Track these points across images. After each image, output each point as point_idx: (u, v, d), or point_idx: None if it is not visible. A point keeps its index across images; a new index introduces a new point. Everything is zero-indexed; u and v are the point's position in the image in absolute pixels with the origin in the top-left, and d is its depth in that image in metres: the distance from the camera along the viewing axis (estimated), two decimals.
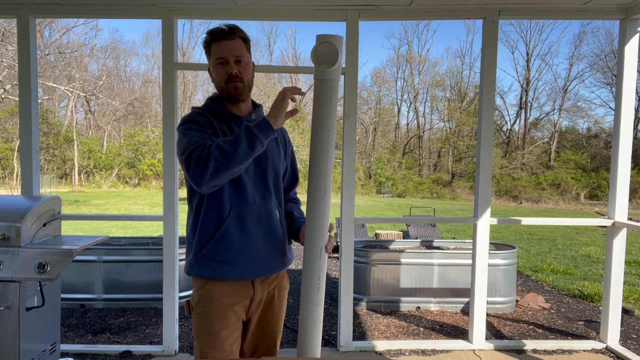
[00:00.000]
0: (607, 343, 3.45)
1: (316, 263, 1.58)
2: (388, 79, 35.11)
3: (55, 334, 2.78)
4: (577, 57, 32.00)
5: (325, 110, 1.53)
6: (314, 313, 1.60)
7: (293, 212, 1.82)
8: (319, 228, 1.57)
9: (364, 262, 4.49)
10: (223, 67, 1.62)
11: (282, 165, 1.77)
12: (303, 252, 1.62)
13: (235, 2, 3.10)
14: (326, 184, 1.55)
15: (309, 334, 1.60)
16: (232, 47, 1.61)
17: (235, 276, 1.61)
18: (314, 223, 1.57)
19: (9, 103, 23.84)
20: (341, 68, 1.57)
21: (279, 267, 1.72)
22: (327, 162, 1.54)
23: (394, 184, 28.17)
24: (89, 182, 27.81)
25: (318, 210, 1.55)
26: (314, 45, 1.51)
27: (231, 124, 1.65)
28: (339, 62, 1.51)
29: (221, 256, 1.59)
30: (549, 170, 28.81)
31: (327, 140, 1.54)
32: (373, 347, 3.43)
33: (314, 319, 1.60)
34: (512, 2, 3.15)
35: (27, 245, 2.41)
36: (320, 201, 1.55)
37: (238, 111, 1.68)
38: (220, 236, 1.59)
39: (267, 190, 1.68)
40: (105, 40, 37.51)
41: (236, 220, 1.60)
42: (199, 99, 34.44)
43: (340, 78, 1.56)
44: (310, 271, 1.58)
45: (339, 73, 1.55)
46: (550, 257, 7.94)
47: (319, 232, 1.57)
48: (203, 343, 1.62)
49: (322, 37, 1.51)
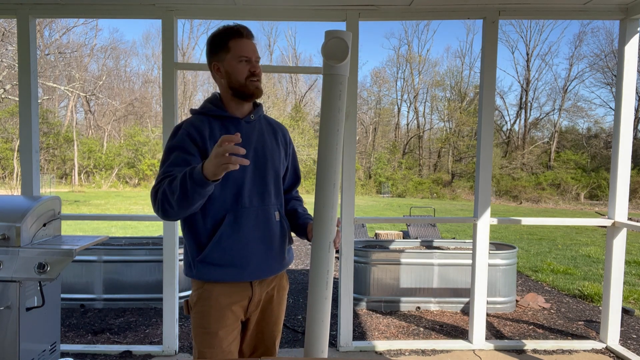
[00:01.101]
0: (607, 343, 3.45)
1: (325, 257, 1.57)
2: (388, 79, 35.16)
3: (55, 334, 2.78)
4: (577, 57, 32.02)
5: (335, 105, 1.54)
6: (322, 307, 1.59)
7: (297, 209, 1.81)
8: (327, 222, 1.56)
9: (364, 262, 4.49)
10: (246, 64, 1.61)
11: (282, 165, 1.76)
12: (311, 247, 1.61)
13: (235, 2, 3.10)
14: (335, 178, 1.55)
15: (317, 329, 1.60)
16: (254, 47, 1.63)
17: (232, 279, 1.61)
18: (322, 217, 1.56)
19: (9, 103, 23.85)
20: (349, 63, 1.57)
21: (277, 269, 1.71)
22: (336, 157, 1.55)
23: (394, 184, 28.18)
24: (89, 182, 27.82)
25: (327, 204, 1.55)
26: (324, 41, 1.52)
27: (229, 127, 1.64)
28: (348, 57, 1.52)
29: (218, 260, 1.59)
30: (549, 170, 28.81)
31: (337, 134, 1.54)
32: (373, 347, 3.43)
33: (322, 313, 1.59)
34: (512, 2, 3.15)
35: (27, 245, 2.41)
36: (330, 195, 1.55)
37: (238, 112, 1.67)
38: (216, 241, 1.58)
39: (266, 191, 1.67)
40: (105, 40, 37.54)
41: (232, 225, 1.59)
42: (199, 99, 34.47)
43: (348, 73, 1.56)
44: (319, 265, 1.57)
45: (347, 68, 1.55)
46: (550, 257, 7.94)
47: (327, 226, 1.56)
48: (201, 342, 1.62)
49: (332, 32, 1.52)
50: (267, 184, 1.67)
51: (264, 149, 1.68)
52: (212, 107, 1.66)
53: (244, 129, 1.65)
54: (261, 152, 1.68)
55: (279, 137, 1.77)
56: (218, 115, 1.64)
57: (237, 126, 1.65)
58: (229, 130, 1.63)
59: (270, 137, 1.73)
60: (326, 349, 1.62)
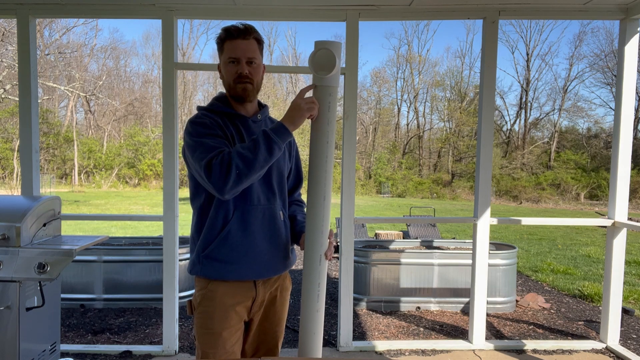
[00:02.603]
0: (607, 343, 3.45)
1: (316, 270, 1.58)
2: (388, 79, 35.14)
3: (55, 334, 2.78)
4: (577, 57, 31.96)
5: (324, 117, 1.53)
6: (314, 320, 1.60)
7: (296, 216, 1.81)
8: (318, 235, 1.56)
9: (364, 262, 4.48)
10: (234, 66, 1.60)
11: (286, 166, 1.76)
12: (303, 259, 1.62)
13: (235, 2, 3.10)
14: (325, 191, 1.55)
15: (309, 341, 1.61)
16: (245, 48, 1.59)
17: (237, 277, 1.61)
18: (313, 230, 1.56)
19: (9, 103, 23.84)
20: (340, 73, 1.54)
21: (281, 269, 1.71)
22: (326, 169, 1.54)
23: (394, 184, 28.16)
24: (89, 182, 27.81)
25: (317, 217, 1.55)
26: (312, 52, 1.50)
27: (237, 124, 1.65)
28: (337, 68, 1.50)
29: (224, 256, 1.59)
30: (549, 170, 28.80)
31: (327, 147, 1.53)
32: (373, 347, 3.43)
33: (314, 326, 1.61)
34: (512, 2, 3.15)
35: (27, 245, 2.41)
36: (320, 208, 1.55)
37: (244, 111, 1.68)
38: (224, 237, 1.59)
39: (271, 191, 1.67)
40: (105, 40, 37.54)
41: (240, 222, 1.59)
42: (199, 99, 34.48)
43: (339, 84, 1.55)
44: (310, 278, 1.59)
45: (337, 79, 1.54)
46: (550, 257, 7.93)
47: (318, 239, 1.56)
48: (205, 343, 1.61)
49: (321, 43, 1.50)
50: (272, 184, 1.67)
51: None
52: (220, 105, 1.67)
53: (251, 128, 1.66)
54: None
55: None
56: (226, 113, 1.65)
57: (244, 124, 1.65)
58: (237, 127, 1.64)
59: None
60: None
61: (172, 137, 3.17)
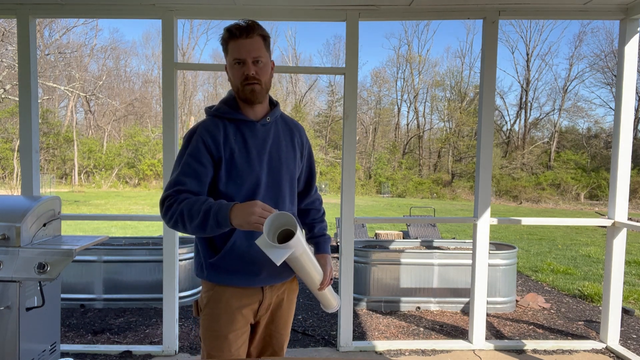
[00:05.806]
0: (607, 343, 3.45)
1: (318, 295, 1.67)
2: (388, 79, 35.17)
3: (55, 334, 2.78)
4: (577, 57, 31.99)
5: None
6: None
7: (313, 229, 1.80)
8: (309, 281, 1.61)
9: (364, 262, 4.48)
10: (240, 67, 1.52)
11: (297, 167, 1.69)
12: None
13: (235, 2, 3.10)
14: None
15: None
16: (249, 47, 1.50)
17: (244, 284, 1.59)
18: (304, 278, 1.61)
19: (9, 103, 23.85)
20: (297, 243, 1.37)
21: (288, 276, 1.68)
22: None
23: (394, 184, 28.17)
24: (89, 182, 27.81)
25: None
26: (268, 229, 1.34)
27: (244, 131, 1.58)
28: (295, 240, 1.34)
29: (230, 266, 1.57)
30: (549, 170, 28.81)
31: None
32: (373, 347, 3.43)
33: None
34: (512, 2, 3.15)
35: (27, 245, 2.41)
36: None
37: (252, 114, 1.60)
38: (229, 248, 1.55)
39: (280, 196, 1.62)
40: (105, 40, 37.49)
41: (245, 232, 1.53)
42: (199, 99, 34.52)
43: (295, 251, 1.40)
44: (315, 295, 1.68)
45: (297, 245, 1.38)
46: (550, 257, 7.94)
47: (312, 281, 1.61)
48: (210, 346, 1.60)
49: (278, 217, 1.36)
50: (282, 189, 1.63)
51: (279, 153, 1.62)
52: (228, 109, 1.59)
53: (259, 133, 1.59)
54: (276, 156, 1.62)
55: (296, 138, 1.70)
56: (233, 119, 1.58)
57: (252, 130, 1.59)
58: (244, 135, 1.57)
59: (287, 140, 1.67)
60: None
61: (172, 137, 3.17)
